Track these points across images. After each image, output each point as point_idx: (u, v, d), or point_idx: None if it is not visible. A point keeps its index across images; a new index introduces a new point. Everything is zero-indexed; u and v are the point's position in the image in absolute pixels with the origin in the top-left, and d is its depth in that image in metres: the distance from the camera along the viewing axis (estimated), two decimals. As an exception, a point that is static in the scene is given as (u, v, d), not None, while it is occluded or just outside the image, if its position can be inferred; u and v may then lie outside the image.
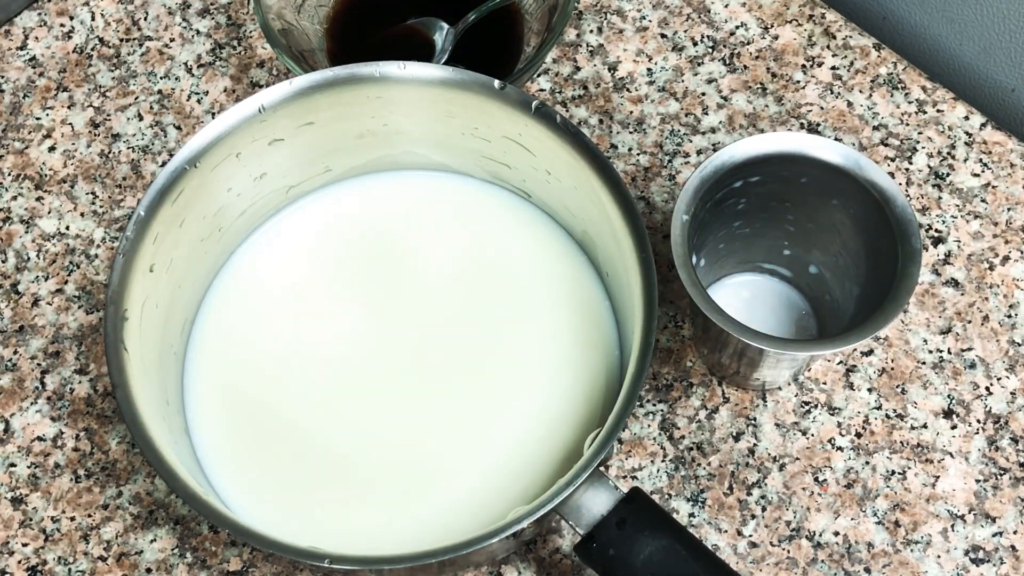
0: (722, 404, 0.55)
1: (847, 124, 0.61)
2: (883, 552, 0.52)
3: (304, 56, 0.57)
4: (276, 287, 0.55)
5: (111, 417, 0.56)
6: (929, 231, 0.58)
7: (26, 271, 0.60)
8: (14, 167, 0.62)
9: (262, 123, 0.50)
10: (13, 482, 0.55)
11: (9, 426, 0.56)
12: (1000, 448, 0.54)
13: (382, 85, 0.51)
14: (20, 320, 0.59)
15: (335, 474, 0.51)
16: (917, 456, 0.54)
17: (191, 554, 0.54)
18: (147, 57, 0.64)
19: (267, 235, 0.56)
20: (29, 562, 0.54)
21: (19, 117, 0.63)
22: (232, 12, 0.66)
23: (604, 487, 0.45)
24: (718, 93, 0.62)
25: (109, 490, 0.55)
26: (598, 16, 0.64)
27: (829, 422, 0.55)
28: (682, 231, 0.47)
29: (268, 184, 0.54)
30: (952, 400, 0.55)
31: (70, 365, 0.58)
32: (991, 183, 0.59)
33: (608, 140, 0.61)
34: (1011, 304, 0.56)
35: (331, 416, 0.52)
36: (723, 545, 0.53)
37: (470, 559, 0.51)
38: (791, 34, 0.63)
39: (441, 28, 0.59)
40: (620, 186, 0.48)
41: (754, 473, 0.54)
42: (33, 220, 0.61)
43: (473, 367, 0.53)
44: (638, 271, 0.47)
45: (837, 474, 0.54)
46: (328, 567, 0.43)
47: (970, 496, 0.53)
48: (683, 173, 0.60)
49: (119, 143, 0.62)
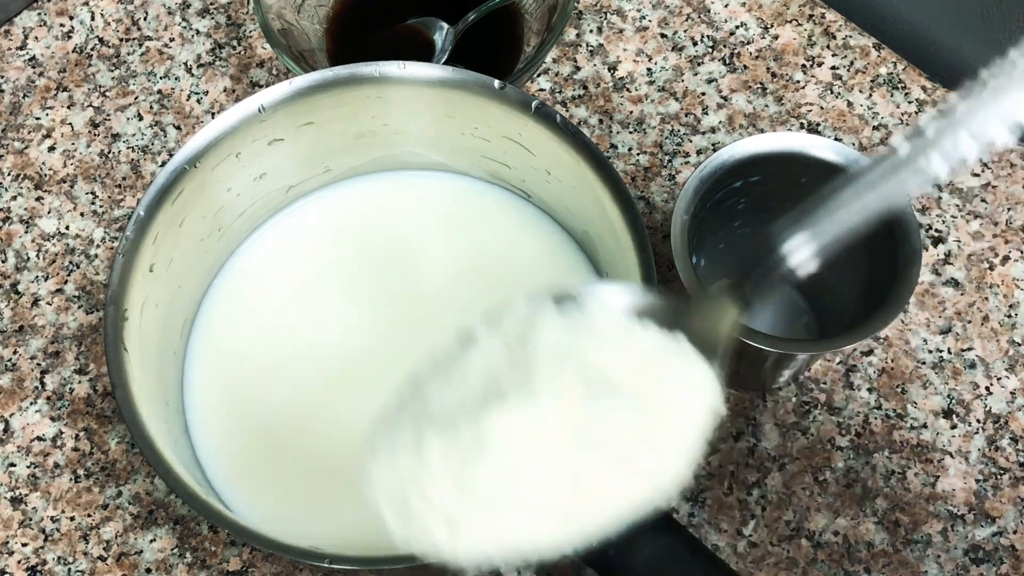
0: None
1: (847, 124, 0.61)
2: (883, 552, 0.52)
3: (304, 56, 0.57)
4: (276, 287, 0.55)
5: (111, 417, 0.56)
6: (929, 231, 0.58)
7: (26, 271, 0.60)
8: (14, 167, 0.62)
9: (262, 123, 0.50)
10: (13, 482, 0.55)
11: (9, 426, 0.56)
12: (1000, 448, 0.54)
13: (382, 85, 0.51)
14: (20, 320, 0.59)
15: (335, 474, 0.51)
16: (917, 456, 0.54)
17: (191, 554, 0.54)
18: (147, 57, 0.64)
19: (267, 235, 0.56)
20: (29, 562, 0.54)
21: (19, 117, 0.63)
22: (232, 12, 0.65)
23: (604, 487, 0.45)
24: (718, 93, 0.62)
25: (109, 490, 0.55)
26: (598, 16, 0.64)
27: (829, 422, 0.55)
28: (682, 231, 0.47)
29: (268, 184, 0.54)
30: (952, 400, 0.55)
31: (70, 365, 0.58)
32: (991, 183, 0.59)
33: (608, 140, 0.61)
34: (1011, 304, 0.56)
35: (331, 416, 0.52)
36: (723, 545, 0.53)
37: (470, 559, 0.51)
38: (791, 34, 0.63)
39: (441, 28, 0.59)
40: (620, 186, 0.48)
41: (754, 473, 0.54)
42: (33, 220, 0.61)
43: (473, 367, 0.53)
44: (638, 271, 0.47)
45: (837, 474, 0.54)
46: (328, 567, 0.43)
47: (970, 496, 0.53)
48: (683, 173, 0.60)
49: (119, 143, 0.62)
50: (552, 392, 0.30)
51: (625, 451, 0.30)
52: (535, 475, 0.29)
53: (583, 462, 0.30)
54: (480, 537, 0.30)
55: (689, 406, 0.31)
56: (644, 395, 0.31)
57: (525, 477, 0.29)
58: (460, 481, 0.30)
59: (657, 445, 0.31)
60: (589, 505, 0.30)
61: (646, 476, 0.31)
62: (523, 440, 0.29)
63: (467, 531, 0.30)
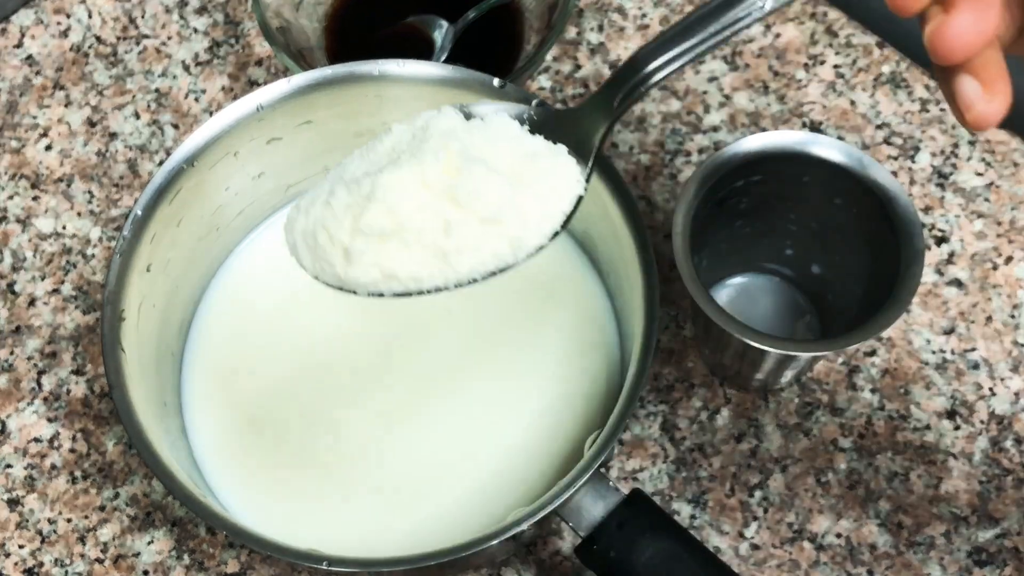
0: (724, 405, 0.55)
1: (850, 123, 0.60)
2: (886, 554, 0.52)
3: (302, 54, 0.57)
4: (274, 287, 0.55)
5: (108, 418, 0.56)
6: (932, 231, 0.58)
7: (22, 271, 0.59)
8: (10, 166, 0.62)
9: (260, 122, 0.50)
10: (9, 483, 0.55)
11: (5, 427, 0.56)
12: (1004, 449, 0.54)
13: (381, 83, 0.51)
14: (16, 320, 0.58)
15: (334, 476, 0.51)
16: (920, 457, 0.54)
17: (188, 556, 0.53)
18: (144, 55, 0.64)
19: (265, 235, 0.56)
20: (25, 564, 0.53)
21: (15, 116, 0.63)
22: (230, 10, 0.65)
23: (605, 489, 0.45)
24: (720, 92, 0.61)
25: (106, 491, 0.55)
26: (599, 14, 0.64)
27: (831, 423, 0.54)
28: (683, 230, 0.47)
29: (266, 183, 0.54)
30: (955, 401, 0.55)
31: (67, 366, 0.57)
32: (995, 182, 0.59)
33: (609, 139, 0.61)
34: (1015, 304, 0.56)
35: (329, 417, 0.52)
36: (725, 547, 0.52)
37: (470, 561, 0.51)
38: (793, 32, 0.63)
39: (441, 26, 0.59)
40: (621, 185, 0.48)
41: (756, 474, 0.54)
42: (29, 220, 0.61)
43: (473, 368, 0.53)
44: (639, 271, 0.46)
45: (840, 475, 0.53)
46: (326, 569, 0.43)
47: (973, 498, 0.53)
48: (684, 172, 0.60)
49: (116, 142, 0.62)
50: (436, 158, 0.37)
51: (493, 215, 0.37)
52: (414, 221, 0.36)
53: (455, 215, 0.36)
54: (369, 266, 0.37)
55: (555, 190, 0.38)
56: (517, 176, 0.37)
57: (406, 222, 0.36)
58: (356, 223, 0.37)
59: (522, 215, 0.37)
60: (459, 252, 0.37)
61: (510, 239, 0.37)
62: (406, 192, 0.36)
63: (359, 260, 0.37)
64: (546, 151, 0.39)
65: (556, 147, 0.39)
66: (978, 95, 0.33)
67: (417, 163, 0.37)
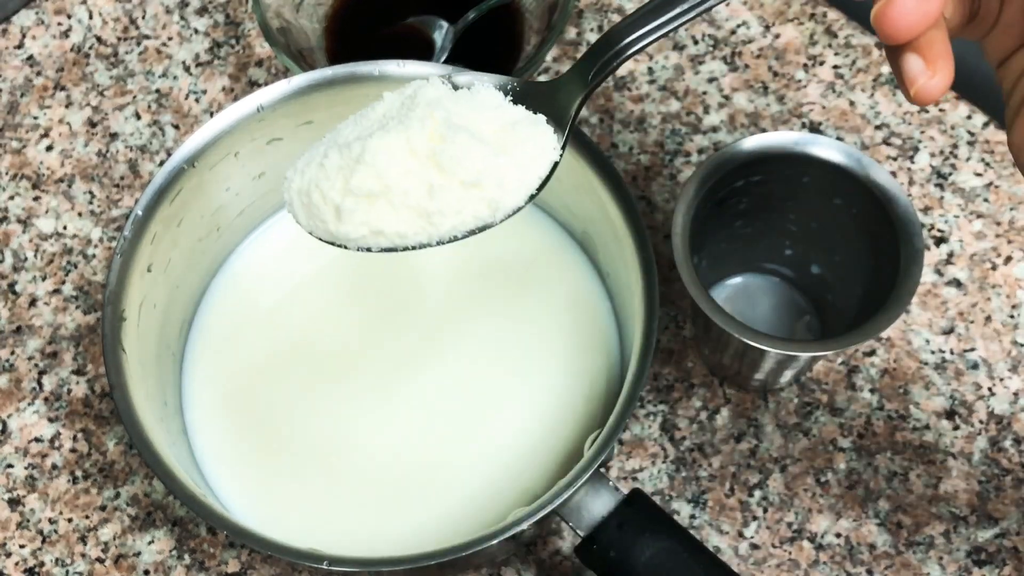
0: (723, 405, 0.55)
1: (849, 123, 0.60)
2: (885, 554, 0.52)
3: (303, 55, 0.57)
4: (274, 287, 0.55)
5: (109, 418, 0.56)
6: (931, 231, 0.58)
7: (23, 271, 0.59)
8: (11, 167, 0.62)
9: (260, 122, 0.50)
10: (10, 483, 0.55)
11: (6, 427, 0.56)
12: (1003, 449, 0.54)
13: (381, 84, 0.51)
14: (17, 320, 0.58)
15: (334, 475, 0.51)
16: (919, 457, 0.54)
17: (189, 556, 0.53)
18: (145, 56, 0.64)
19: (266, 235, 0.56)
20: (26, 563, 0.54)
21: (16, 116, 0.63)
22: (230, 10, 0.65)
23: (604, 488, 0.45)
24: (719, 92, 0.61)
25: (107, 491, 0.55)
26: (598, 14, 0.64)
27: (831, 423, 0.54)
28: (683, 231, 0.47)
29: (267, 183, 0.54)
30: (954, 401, 0.55)
31: (67, 366, 0.57)
32: (994, 183, 0.59)
33: (609, 139, 0.61)
34: (1014, 304, 0.56)
35: (329, 417, 0.52)
36: (724, 547, 0.52)
37: (470, 561, 0.51)
38: (792, 33, 0.63)
39: (441, 26, 0.59)
40: (621, 186, 0.48)
41: (755, 474, 0.54)
42: (30, 220, 0.61)
43: (472, 367, 0.53)
44: (639, 271, 0.46)
45: (839, 475, 0.53)
46: (327, 569, 0.43)
47: (972, 498, 0.53)
48: (684, 172, 0.60)
49: (117, 142, 0.62)
50: (422, 126, 0.39)
51: (474, 179, 0.39)
52: (400, 182, 0.39)
53: (438, 178, 0.39)
54: (358, 224, 0.39)
55: (533, 157, 0.40)
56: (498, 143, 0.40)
57: (393, 184, 0.38)
58: (346, 183, 0.39)
59: (501, 179, 0.39)
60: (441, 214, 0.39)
61: (489, 201, 0.39)
62: (393, 157, 0.38)
63: (349, 218, 0.39)
64: (526, 120, 0.41)
65: (536, 116, 0.41)
66: (921, 71, 0.35)
67: (404, 129, 0.39)
